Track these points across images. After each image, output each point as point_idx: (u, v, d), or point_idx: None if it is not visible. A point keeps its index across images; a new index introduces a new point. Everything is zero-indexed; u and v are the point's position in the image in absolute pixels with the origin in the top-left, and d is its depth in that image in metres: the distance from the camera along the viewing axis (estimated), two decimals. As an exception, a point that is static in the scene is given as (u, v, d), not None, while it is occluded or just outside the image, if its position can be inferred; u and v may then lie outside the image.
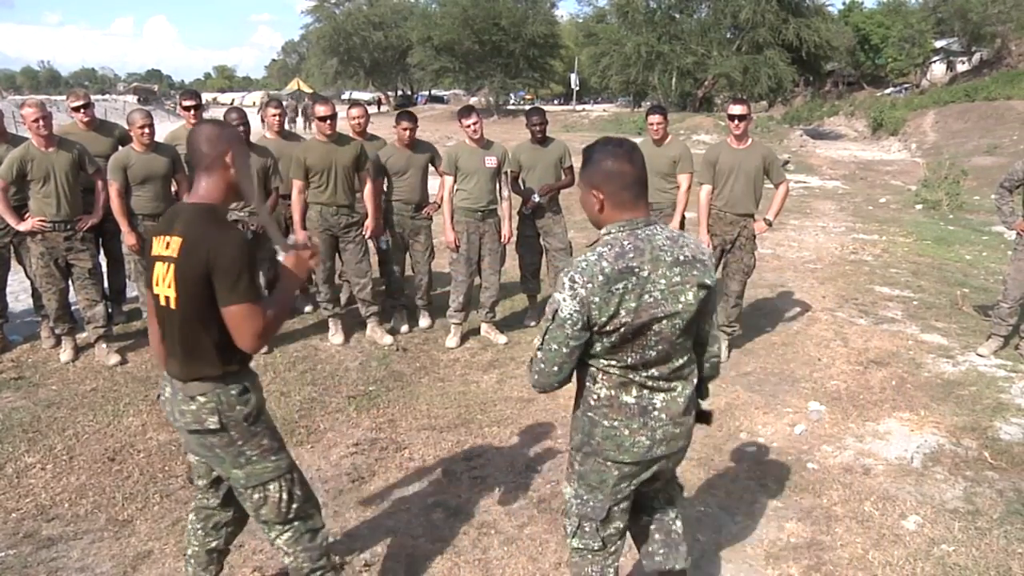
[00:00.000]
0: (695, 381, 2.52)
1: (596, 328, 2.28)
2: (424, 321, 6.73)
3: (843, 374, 5.78)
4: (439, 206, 6.28)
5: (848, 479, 4.23)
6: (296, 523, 2.75)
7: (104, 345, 5.79)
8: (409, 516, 3.82)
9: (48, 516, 3.77)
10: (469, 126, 6.02)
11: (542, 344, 2.35)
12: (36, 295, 6.14)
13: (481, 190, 6.08)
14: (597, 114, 40.92)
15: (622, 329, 2.27)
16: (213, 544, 2.88)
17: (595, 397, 2.41)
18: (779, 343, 6.41)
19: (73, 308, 5.93)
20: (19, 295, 6.76)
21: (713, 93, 40.35)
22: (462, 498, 3.99)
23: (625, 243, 2.28)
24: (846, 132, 35.48)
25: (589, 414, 2.43)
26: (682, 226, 6.34)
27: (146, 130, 5.68)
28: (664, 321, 2.29)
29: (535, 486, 4.12)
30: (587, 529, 2.57)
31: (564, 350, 2.31)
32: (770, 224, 6.02)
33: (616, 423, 2.40)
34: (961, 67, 45.55)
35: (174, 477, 4.16)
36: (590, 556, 2.61)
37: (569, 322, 2.26)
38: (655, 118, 6.39)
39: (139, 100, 52.23)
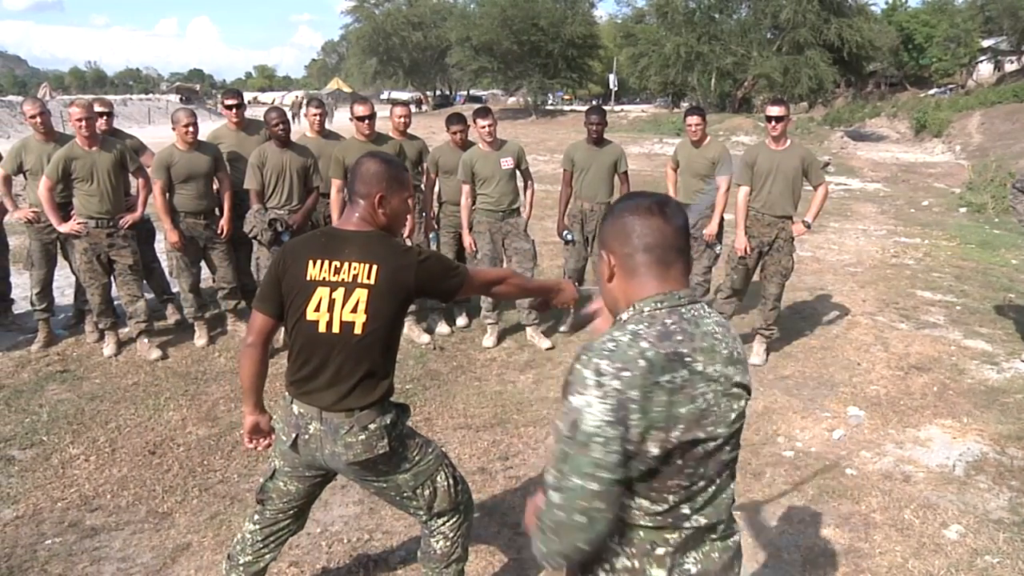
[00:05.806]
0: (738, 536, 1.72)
1: (633, 447, 1.48)
2: (461, 320, 6.75)
3: (883, 379, 5.69)
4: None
5: (887, 486, 4.17)
6: (462, 507, 2.83)
7: (145, 340, 5.90)
8: (443, 514, 3.83)
9: (91, 506, 3.86)
10: (484, 127, 5.94)
11: (558, 482, 1.50)
12: (79, 291, 6.27)
13: (501, 192, 6.05)
14: (635, 114, 40.69)
15: (669, 449, 1.50)
16: (269, 556, 2.83)
17: (607, 568, 1.61)
18: (818, 347, 6.33)
19: (116, 303, 6.05)
20: (64, 290, 6.90)
21: (753, 94, 39.96)
22: (497, 498, 4.00)
23: (668, 320, 1.55)
24: (888, 134, 34.84)
25: None
26: (720, 228, 6.29)
27: (190, 129, 5.77)
28: (715, 442, 1.55)
29: (569, 487, 4.11)
30: None
31: (594, 487, 1.46)
32: (808, 226, 5.95)
33: None
34: (1010, 66, 44.53)
35: (213, 471, 4.22)
36: None
37: (599, 439, 1.45)
38: (693, 119, 6.35)
39: (182, 99, 53.25)
